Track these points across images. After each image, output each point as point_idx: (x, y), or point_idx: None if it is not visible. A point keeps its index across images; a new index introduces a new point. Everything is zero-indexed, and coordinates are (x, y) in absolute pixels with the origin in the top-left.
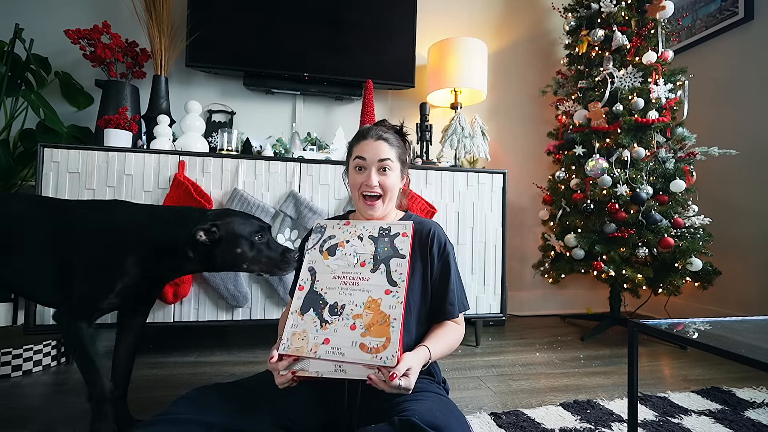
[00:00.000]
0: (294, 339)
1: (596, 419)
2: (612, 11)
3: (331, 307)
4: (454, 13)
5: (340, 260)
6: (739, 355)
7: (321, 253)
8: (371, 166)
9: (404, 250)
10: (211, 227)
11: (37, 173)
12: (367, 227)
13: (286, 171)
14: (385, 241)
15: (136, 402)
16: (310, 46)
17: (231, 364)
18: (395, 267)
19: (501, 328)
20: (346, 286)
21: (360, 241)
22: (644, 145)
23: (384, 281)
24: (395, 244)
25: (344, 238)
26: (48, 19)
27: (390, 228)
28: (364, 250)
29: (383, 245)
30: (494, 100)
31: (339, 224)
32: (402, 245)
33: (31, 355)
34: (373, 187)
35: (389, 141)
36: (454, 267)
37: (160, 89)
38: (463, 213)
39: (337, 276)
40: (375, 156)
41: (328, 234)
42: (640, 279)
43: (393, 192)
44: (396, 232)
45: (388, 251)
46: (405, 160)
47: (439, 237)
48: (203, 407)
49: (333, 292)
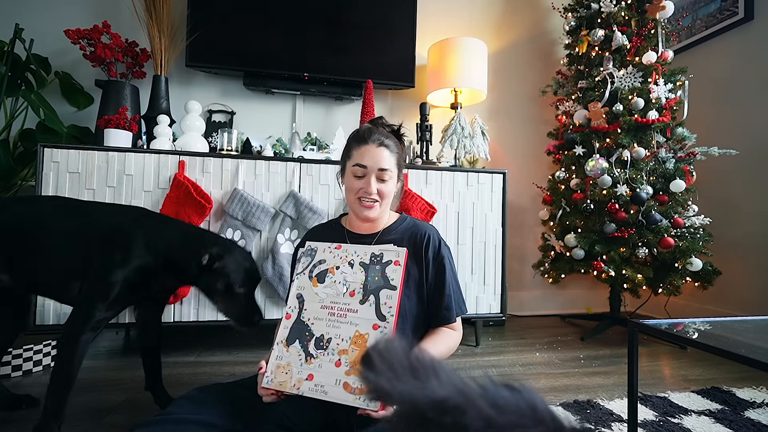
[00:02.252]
0: (278, 372)
1: (596, 419)
2: (612, 11)
3: (318, 339)
4: (454, 13)
5: (329, 288)
6: (739, 355)
7: (310, 279)
8: (371, 174)
9: (395, 280)
10: (217, 255)
11: (37, 173)
12: (358, 252)
13: (286, 171)
14: (376, 270)
15: (136, 402)
16: (310, 46)
17: (231, 364)
18: (385, 299)
19: (501, 328)
20: (333, 318)
21: (350, 267)
22: (644, 145)
23: (372, 314)
24: (386, 274)
25: (334, 263)
26: (48, 19)
27: (382, 255)
28: (354, 279)
29: (374, 274)
30: (494, 100)
31: (330, 248)
32: (393, 275)
33: (31, 355)
34: (371, 194)
35: (390, 148)
36: (451, 270)
37: (160, 89)
38: (463, 213)
39: (325, 306)
40: (375, 165)
41: (319, 258)
42: (640, 279)
43: (390, 197)
44: (388, 260)
45: (378, 281)
46: (402, 164)
47: (434, 240)
48: (203, 407)
49: (320, 323)
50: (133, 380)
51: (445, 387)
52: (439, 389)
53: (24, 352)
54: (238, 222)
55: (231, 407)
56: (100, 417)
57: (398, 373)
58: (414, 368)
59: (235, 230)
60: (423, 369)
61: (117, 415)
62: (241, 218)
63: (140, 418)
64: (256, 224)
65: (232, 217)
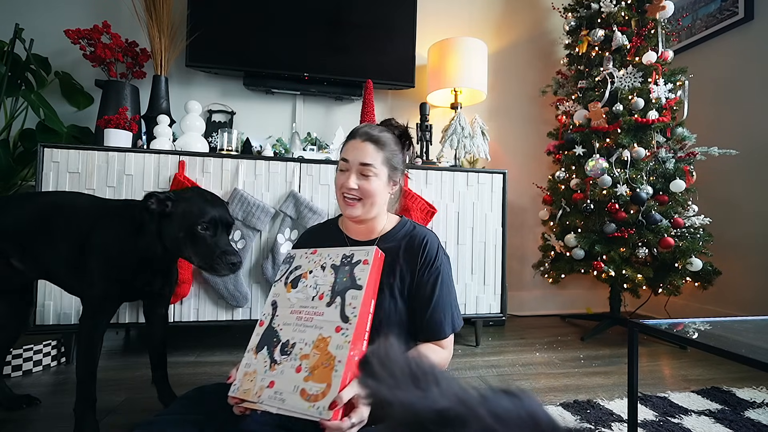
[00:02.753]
0: (244, 380)
1: (596, 419)
2: (612, 11)
3: (283, 345)
4: (454, 13)
5: (300, 293)
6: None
7: (285, 285)
8: (352, 168)
9: (362, 280)
10: (165, 198)
11: (37, 173)
12: (331, 255)
13: (286, 171)
14: (346, 270)
15: (136, 402)
16: (310, 46)
17: (231, 364)
18: (350, 300)
19: (501, 328)
20: (300, 322)
21: (322, 270)
22: (644, 145)
23: (336, 316)
24: (354, 274)
25: (308, 268)
26: (48, 19)
27: (353, 255)
28: (324, 281)
29: (343, 275)
30: (494, 100)
31: (307, 253)
32: (361, 274)
33: (31, 355)
34: (350, 189)
35: (379, 143)
36: (445, 283)
37: (160, 89)
38: (463, 213)
39: (295, 310)
40: (357, 159)
41: (295, 264)
42: (640, 279)
43: (375, 198)
44: (358, 260)
45: (346, 282)
46: (397, 164)
47: (430, 250)
48: (203, 408)
49: (288, 328)
50: (133, 380)
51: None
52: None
53: (24, 352)
54: (238, 222)
55: (230, 408)
56: (100, 417)
57: (399, 380)
58: (414, 375)
59: (235, 230)
60: (423, 376)
61: (117, 415)
62: (241, 218)
63: (140, 418)
64: (256, 224)
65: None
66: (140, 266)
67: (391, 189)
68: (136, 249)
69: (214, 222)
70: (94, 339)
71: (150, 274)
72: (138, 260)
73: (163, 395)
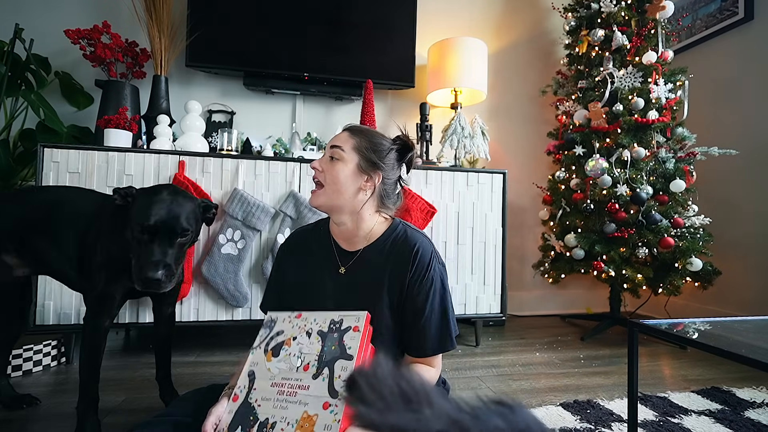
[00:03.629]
0: None
1: (596, 419)
2: (612, 11)
3: (261, 425)
4: (454, 13)
5: (282, 362)
6: (739, 355)
7: (265, 353)
8: (326, 153)
9: (352, 348)
10: (126, 194)
11: (37, 173)
12: (318, 320)
13: (286, 171)
14: (334, 338)
15: (136, 402)
16: (310, 46)
17: (231, 364)
18: (339, 371)
19: (501, 328)
20: (282, 397)
21: (308, 338)
22: (644, 145)
23: (324, 390)
24: (344, 342)
25: (292, 334)
26: (48, 19)
27: (342, 320)
28: (309, 350)
29: (331, 343)
30: (494, 100)
31: (290, 317)
32: (351, 342)
33: (31, 355)
34: (313, 167)
35: (355, 131)
36: (437, 299)
37: (160, 89)
38: (463, 213)
39: (276, 383)
40: (330, 142)
41: (277, 329)
42: (640, 279)
43: (338, 185)
44: (347, 326)
45: (335, 351)
46: (374, 159)
47: (422, 258)
48: (202, 410)
49: (267, 404)
50: (132, 380)
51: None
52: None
53: (24, 352)
54: (238, 222)
55: None
56: (100, 417)
57: (389, 402)
58: (405, 395)
59: (235, 230)
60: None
61: (117, 415)
62: (241, 218)
63: (140, 418)
64: (256, 224)
65: (232, 217)
66: None
67: (363, 184)
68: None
69: (155, 228)
70: (97, 338)
71: None
72: None
73: (165, 393)
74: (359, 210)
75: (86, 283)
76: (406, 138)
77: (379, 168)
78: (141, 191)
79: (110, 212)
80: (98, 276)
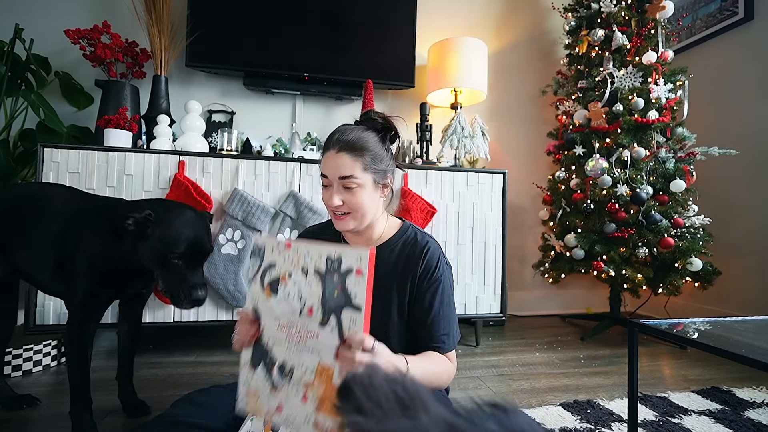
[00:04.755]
0: (249, 399)
1: (596, 419)
2: (612, 11)
3: (280, 367)
4: (454, 13)
5: (283, 303)
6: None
7: (263, 288)
8: (333, 184)
9: (359, 297)
10: (146, 220)
11: (37, 173)
12: (312, 254)
13: (286, 171)
14: (334, 281)
15: None
16: (310, 45)
17: (231, 364)
18: (348, 323)
19: (501, 328)
20: (293, 343)
21: (304, 276)
22: (644, 145)
23: (335, 341)
24: (347, 288)
25: (286, 269)
26: (48, 19)
27: (340, 258)
28: (309, 292)
29: (331, 287)
30: (494, 100)
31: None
32: (356, 289)
33: (31, 355)
34: (335, 206)
35: (355, 149)
36: (445, 297)
37: (160, 89)
38: (463, 213)
39: (283, 326)
40: (335, 173)
41: (268, 260)
42: (640, 279)
43: (363, 209)
44: (348, 268)
45: (338, 298)
46: (382, 167)
47: (431, 258)
48: (202, 410)
49: (279, 347)
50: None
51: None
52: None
53: (24, 352)
54: (238, 222)
55: (231, 410)
56: (100, 417)
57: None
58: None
59: (235, 230)
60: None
61: (116, 415)
62: (241, 218)
63: (139, 419)
64: (256, 224)
65: (232, 217)
66: (124, 271)
67: (381, 193)
68: (119, 254)
69: (189, 252)
70: (83, 344)
71: (134, 277)
72: (122, 265)
73: (125, 393)
74: (381, 215)
75: (65, 287)
76: (381, 117)
77: (389, 172)
78: (159, 217)
79: (92, 213)
80: (81, 280)
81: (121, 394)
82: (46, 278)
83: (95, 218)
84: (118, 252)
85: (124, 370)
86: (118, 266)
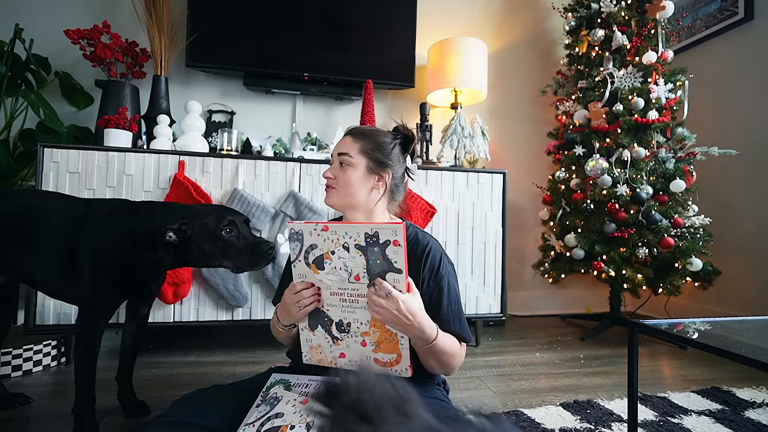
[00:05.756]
0: (313, 353)
1: (596, 419)
2: (612, 11)
3: (338, 324)
4: (454, 13)
5: (331, 275)
6: (739, 355)
7: (308, 266)
8: (335, 161)
9: (399, 262)
10: (181, 226)
11: (37, 173)
12: (350, 233)
13: (286, 171)
14: (376, 252)
15: None
16: (310, 45)
17: (231, 364)
18: (393, 282)
19: (501, 328)
20: (346, 304)
21: (347, 252)
22: (644, 145)
23: None
24: (388, 256)
25: (328, 248)
26: (48, 19)
27: (377, 234)
28: (354, 263)
29: (374, 256)
30: (494, 100)
31: (317, 230)
32: (395, 257)
33: (31, 355)
34: (326, 177)
35: (358, 135)
36: (452, 292)
37: (160, 89)
38: (463, 213)
39: (334, 293)
40: (336, 150)
41: (308, 243)
42: (640, 279)
43: (350, 188)
44: (386, 240)
45: (381, 264)
46: (381, 158)
47: (433, 257)
48: (202, 410)
49: (335, 309)
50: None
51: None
52: None
53: (24, 352)
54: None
55: (230, 410)
56: (100, 417)
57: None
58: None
59: None
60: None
61: (116, 415)
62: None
63: (139, 419)
64: (256, 224)
65: None
66: (137, 273)
67: (375, 183)
68: (130, 256)
69: (233, 221)
70: (93, 341)
71: (145, 278)
72: (135, 268)
73: (124, 394)
74: (372, 208)
75: (77, 289)
76: (406, 129)
77: (387, 166)
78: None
79: (102, 216)
80: (93, 281)
81: (120, 394)
82: (57, 283)
83: (107, 217)
84: (130, 253)
85: (125, 371)
86: (132, 268)
